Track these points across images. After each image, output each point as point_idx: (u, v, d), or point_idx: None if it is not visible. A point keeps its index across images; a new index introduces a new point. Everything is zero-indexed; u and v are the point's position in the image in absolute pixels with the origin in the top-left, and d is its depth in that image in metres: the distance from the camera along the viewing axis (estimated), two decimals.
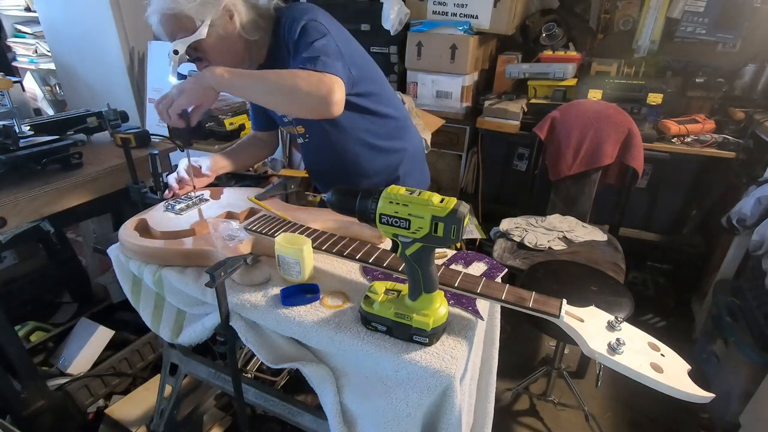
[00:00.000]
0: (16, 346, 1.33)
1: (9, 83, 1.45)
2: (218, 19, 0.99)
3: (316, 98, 0.92)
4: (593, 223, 1.87)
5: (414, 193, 0.64)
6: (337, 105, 0.94)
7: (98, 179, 1.35)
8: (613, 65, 2.14)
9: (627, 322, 0.68)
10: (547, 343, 1.98)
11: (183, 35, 0.98)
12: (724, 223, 1.66)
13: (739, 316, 1.51)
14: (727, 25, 1.96)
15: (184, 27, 0.98)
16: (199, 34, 0.98)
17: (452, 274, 0.79)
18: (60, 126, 1.52)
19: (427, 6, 2.15)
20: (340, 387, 0.79)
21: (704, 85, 1.99)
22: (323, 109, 0.93)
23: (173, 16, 0.97)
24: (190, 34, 0.98)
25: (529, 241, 1.71)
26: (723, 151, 1.80)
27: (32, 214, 1.22)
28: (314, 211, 1.05)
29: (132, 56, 2.49)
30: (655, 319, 2.14)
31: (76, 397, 1.52)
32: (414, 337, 0.72)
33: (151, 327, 1.00)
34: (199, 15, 0.97)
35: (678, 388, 0.59)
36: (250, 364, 1.47)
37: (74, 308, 2.03)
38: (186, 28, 0.98)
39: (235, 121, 1.83)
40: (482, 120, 2.09)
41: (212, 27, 0.99)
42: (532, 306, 0.71)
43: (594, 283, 1.37)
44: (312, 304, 0.81)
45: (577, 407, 1.62)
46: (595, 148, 1.81)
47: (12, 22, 3.00)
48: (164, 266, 0.91)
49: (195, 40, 0.98)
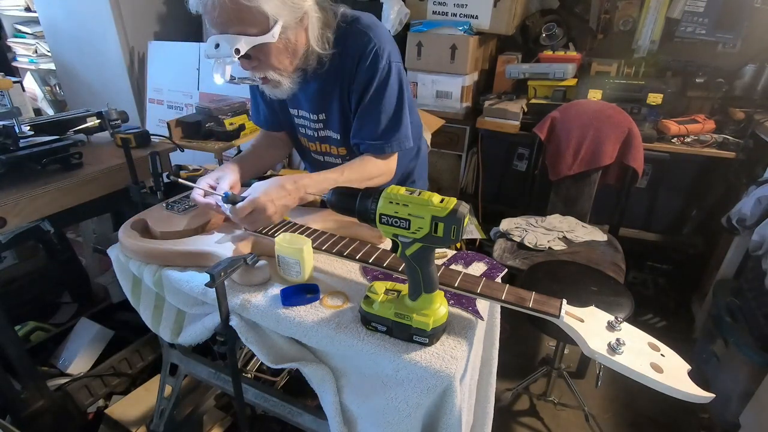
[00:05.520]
0: (16, 346, 1.33)
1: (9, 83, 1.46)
2: (291, 23, 0.86)
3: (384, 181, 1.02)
4: (593, 223, 1.87)
5: (414, 194, 0.64)
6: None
7: (98, 179, 1.35)
8: (613, 65, 2.14)
9: (627, 322, 0.68)
10: (547, 343, 1.98)
11: (249, 32, 0.83)
12: (724, 223, 1.66)
13: (739, 316, 1.51)
14: (727, 25, 1.96)
15: (252, 23, 0.82)
16: (271, 36, 0.84)
17: (452, 274, 0.79)
18: (60, 126, 1.52)
19: (427, 6, 2.15)
20: (340, 387, 0.80)
21: (704, 85, 1.99)
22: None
23: (246, 8, 0.80)
24: (260, 34, 0.83)
25: (529, 241, 1.71)
26: (723, 151, 1.80)
27: (32, 214, 1.22)
28: (314, 211, 1.05)
29: (132, 56, 2.50)
30: (655, 319, 2.14)
31: (76, 397, 1.52)
32: (414, 337, 0.72)
33: (151, 327, 1.00)
34: (275, 15, 0.83)
35: (678, 388, 0.59)
36: (250, 364, 1.47)
37: (74, 308, 2.03)
38: (255, 24, 0.83)
39: (235, 121, 1.83)
40: (482, 120, 2.09)
41: (283, 31, 0.86)
42: (532, 306, 0.71)
43: (594, 283, 1.37)
44: (312, 304, 0.81)
45: (577, 407, 1.62)
46: (595, 148, 1.81)
47: (12, 22, 3.01)
48: (164, 266, 0.91)
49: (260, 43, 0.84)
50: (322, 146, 1.14)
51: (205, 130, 1.84)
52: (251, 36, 0.83)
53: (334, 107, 1.04)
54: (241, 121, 1.86)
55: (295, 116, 1.13)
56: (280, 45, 0.88)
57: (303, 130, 1.14)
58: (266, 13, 0.81)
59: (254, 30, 0.83)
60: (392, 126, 0.99)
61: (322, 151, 1.15)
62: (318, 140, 1.13)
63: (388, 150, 1.00)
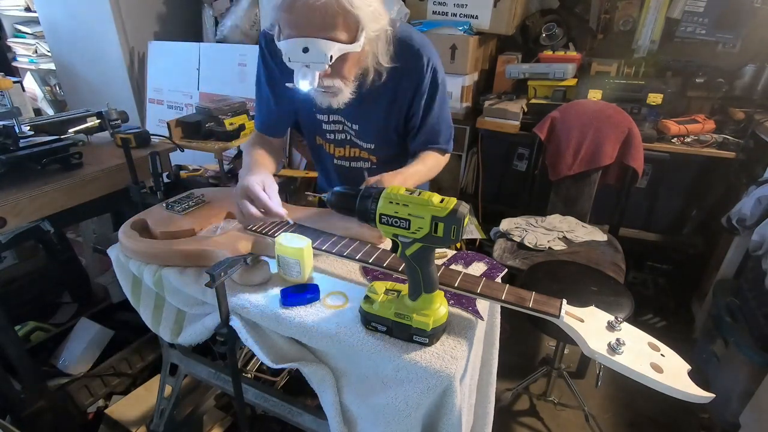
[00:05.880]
0: (16, 346, 1.33)
1: (9, 83, 1.46)
2: (371, 34, 0.85)
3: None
4: (593, 223, 1.87)
5: (414, 194, 0.64)
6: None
7: (98, 179, 1.35)
8: (613, 65, 2.14)
9: (627, 322, 0.68)
10: (547, 343, 1.98)
11: (340, 38, 0.81)
12: (724, 223, 1.66)
13: (739, 316, 1.51)
14: (727, 25, 1.96)
15: (346, 29, 0.81)
16: (358, 46, 0.83)
17: (452, 274, 0.79)
18: (60, 126, 1.52)
19: (427, 6, 2.15)
20: (340, 387, 0.80)
21: (704, 85, 1.99)
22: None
23: (346, 13, 0.78)
24: (348, 42, 0.82)
25: (529, 241, 1.71)
26: (723, 151, 1.80)
27: (32, 214, 1.22)
28: (314, 211, 1.05)
29: (132, 56, 2.50)
30: (655, 319, 2.14)
31: (76, 397, 1.52)
32: (414, 337, 0.72)
33: (151, 327, 1.00)
34: (366, 24, 0.82)
35: (678, 388, 0.59)
36: (250, 364, 1.47)
37: (74, 308, 2.03)
38: (347, 31, 0.81)
39: (235, 121, 1.83)
40: (482, 120, 2.09)
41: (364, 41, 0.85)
42: (532, 306, 0.71)
43: (594, 283, 1.37)
44: (312, 304, 0.81)
45: (577, 407, 1.62)
46: (595, 148, 1.81)
47: (12, 22, 3.01)
48: (164, 266, 0.91)
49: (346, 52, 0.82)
50: (352, 150, 1.15)
51: (205, 130, 1.84)
52: (342, 43, 0.81)
53: (374, 118, 1.06)
54: (241, 121, 1.86)
55: (324, 122, 1.12)
56: (357, 56, 0.87)
57: (332, 135, 1.13)
58: (360, 21, 0.81)
59: (344, 37, 0.81)
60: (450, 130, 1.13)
61: (350, 156, 1.16)
62: (348, 144, 1.14)
63: (447, 147, 1.13)
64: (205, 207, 1.07)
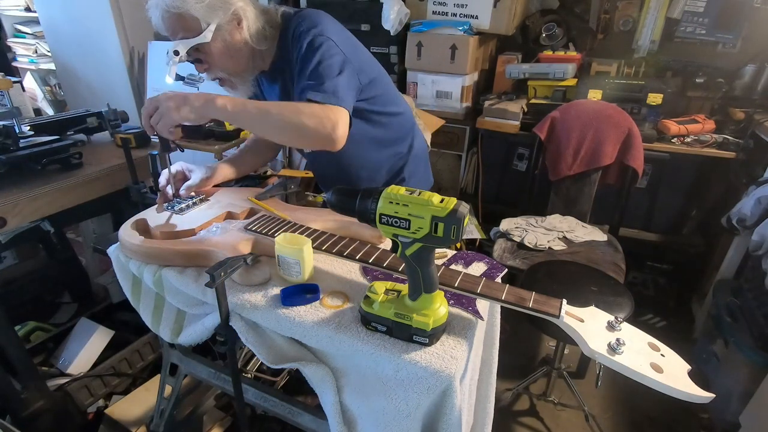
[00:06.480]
0: (16, 346, 1.33)
1: (9, 83, 1.46)
2: (225, 24, 0.96)
3: (321, 135, 0.91)
4: (593, 223, 1.87)
5: (414, 194, 0.64)
6: (341, 139, 0.93)
7: (98, 179, 1.35)
8: (613, 65, 2.14)
9: (627, 322, 0.68)
10: (547, 343, 1.98)
11: (186, 35, 0.95)
12: (724, 223, 1.66)
13: (739, 316, 1.51)
14: (727, 25, 1.96)
15: (188, 27, 0.94)
16: (204, 38, 0.94)
17: (452, 274, 0.79)
18: (60, 126, 1.52)
19: (427, 6, 2.15)
20: (340, 387, 0.79)
21: (704, 85, 1.99)
22: (327, 144, 0.93)
23: (178, 15, 0.93)
24: (194, 36, 0.94)
25: (529, 241, 1.71)
26: (723, 151, 1.80)
27: (32, 214, 1.22)
28: (314, 211, 1.05)
29: (132, 56, 2.49)
30: (655, 319, 2.14)
31: (76, 397, 1.52)
32: (414, 337, 0.72)
33: (151, 327, 1.00)
34: (206, 17, 0.93)
35: (678, 388, 0.59)
36: (250, 364, 1.47)
37: (74, 308, 2.03)
38: (190, 28, 0.94)
39: None
40: (482, 120, 2.09)
41: (218, 31, 0.95)
42: (532, 306, 0.71)
43: (594, 283, 1.37)
44: (312, 304, 0.81)
45: (577, 407, 1.62)
46: (595, 148, 1.81)
47: (12, 22, 3.01)
48: (164, 266, 0.91)
49: (198, 43, 0.95)
50: None
51: (205, 130, 1.83)
52: (187, 39, 0.95)
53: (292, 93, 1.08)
54: None
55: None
56: (219, 45, 0.97)
57: None
58: (196, 16, 0.92)
59: (190, 34, 0.95)
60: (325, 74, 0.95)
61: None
62: None
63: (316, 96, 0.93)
64: (205, 207, 1.07)
